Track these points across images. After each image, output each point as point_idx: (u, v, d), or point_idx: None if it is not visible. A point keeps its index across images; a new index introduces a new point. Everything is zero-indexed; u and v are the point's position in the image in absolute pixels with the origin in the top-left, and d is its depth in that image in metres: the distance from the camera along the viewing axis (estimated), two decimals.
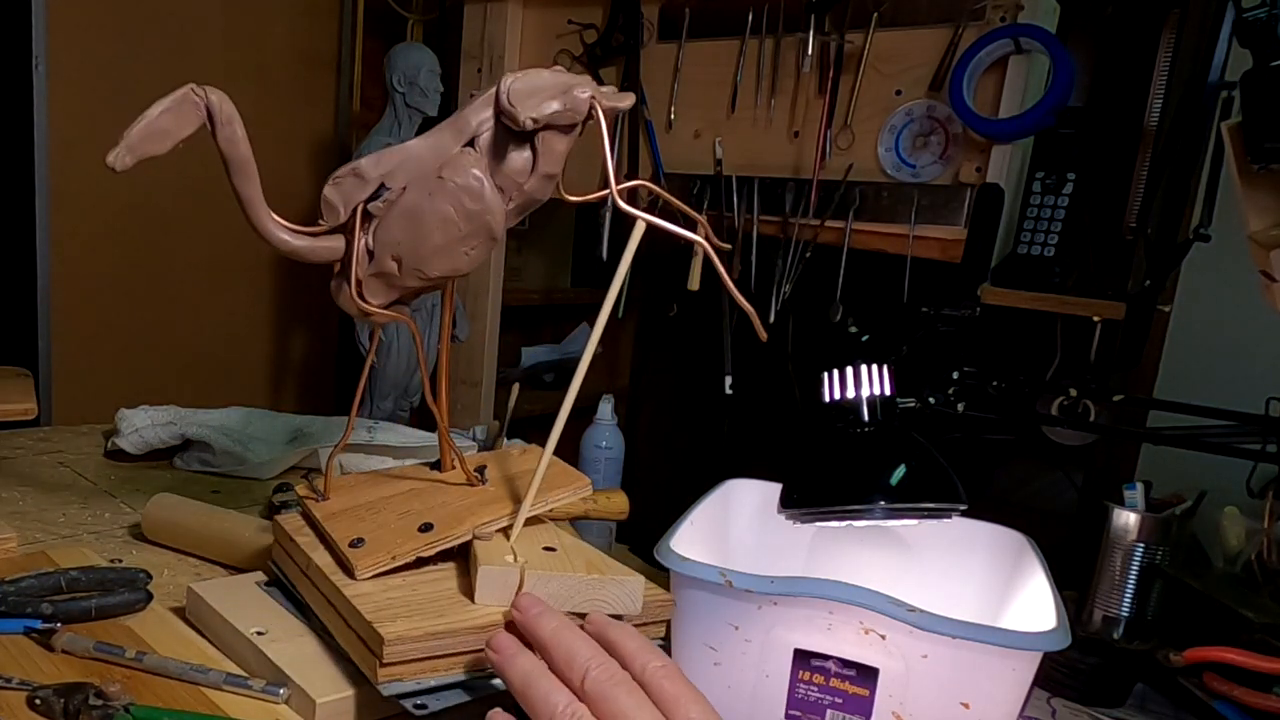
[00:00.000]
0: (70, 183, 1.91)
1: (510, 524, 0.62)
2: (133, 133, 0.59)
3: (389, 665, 0.53)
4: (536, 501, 0.62)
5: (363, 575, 0.59)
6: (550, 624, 0.49)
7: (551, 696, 0.45)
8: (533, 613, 0.50)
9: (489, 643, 0.49)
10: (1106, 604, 0.94)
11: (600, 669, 0.45)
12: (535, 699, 0.45)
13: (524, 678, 0.46)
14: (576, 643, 0.47)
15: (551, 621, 0.49)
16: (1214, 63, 1.10)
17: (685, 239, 0.48)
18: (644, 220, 0.49)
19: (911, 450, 0.71)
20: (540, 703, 0.45)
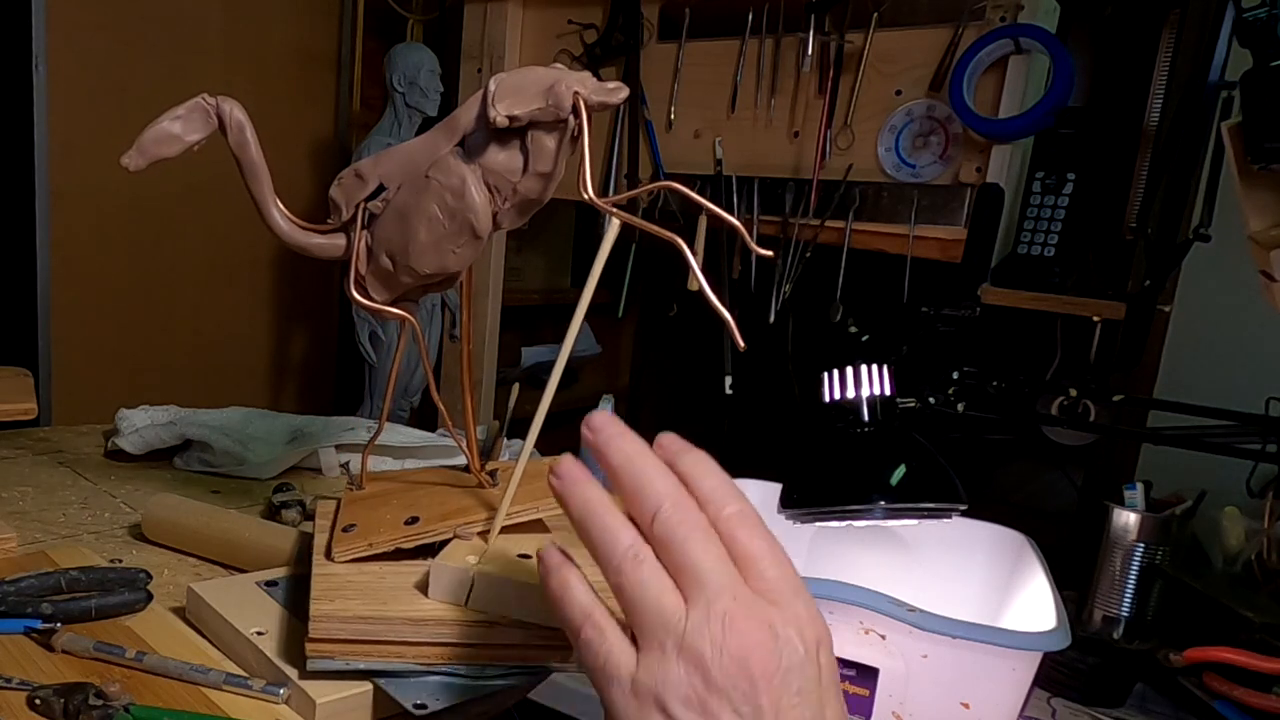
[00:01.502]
0: (70, 183, 1.91)
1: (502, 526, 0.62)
2: (144, 136, 0.60)
3: (317, 642, 0.54)
4: (526, 507, 0.62)
5: (339, 558, 0.61)
6: (624, 449, 0.41)
7: (614, 534, 0.39)
8: (605, 434, 0.41)
9: (552, 468, 0.42)
10: (1106, 604, 0.94)
11: (674, 509, 0.38)
12: (595, 535, 0.39)
13: (584, 508, 0.40)
14: (650, 474, 0.40)
15: (626, 446, 0.41)
16: (1214, 63, 1.10)
17: (664, 238, 0.47)
18: (621, 219, 0.49)
19: (911, 450, 0.71)
20: (600, 540, 0.39)
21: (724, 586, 0.37)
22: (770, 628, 0.36)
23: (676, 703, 0.35)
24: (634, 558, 0.38)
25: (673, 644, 0.36)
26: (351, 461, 1.06)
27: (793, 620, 0.37)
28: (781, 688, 0.35)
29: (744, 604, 0.36)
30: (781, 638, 0.36)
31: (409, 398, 2.20)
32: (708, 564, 0.37)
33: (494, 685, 0.55)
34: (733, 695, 0.35)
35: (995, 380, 1.06)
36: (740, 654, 0.35)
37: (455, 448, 1.06)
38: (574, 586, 0.40)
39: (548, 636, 0.55)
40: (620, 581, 0.38)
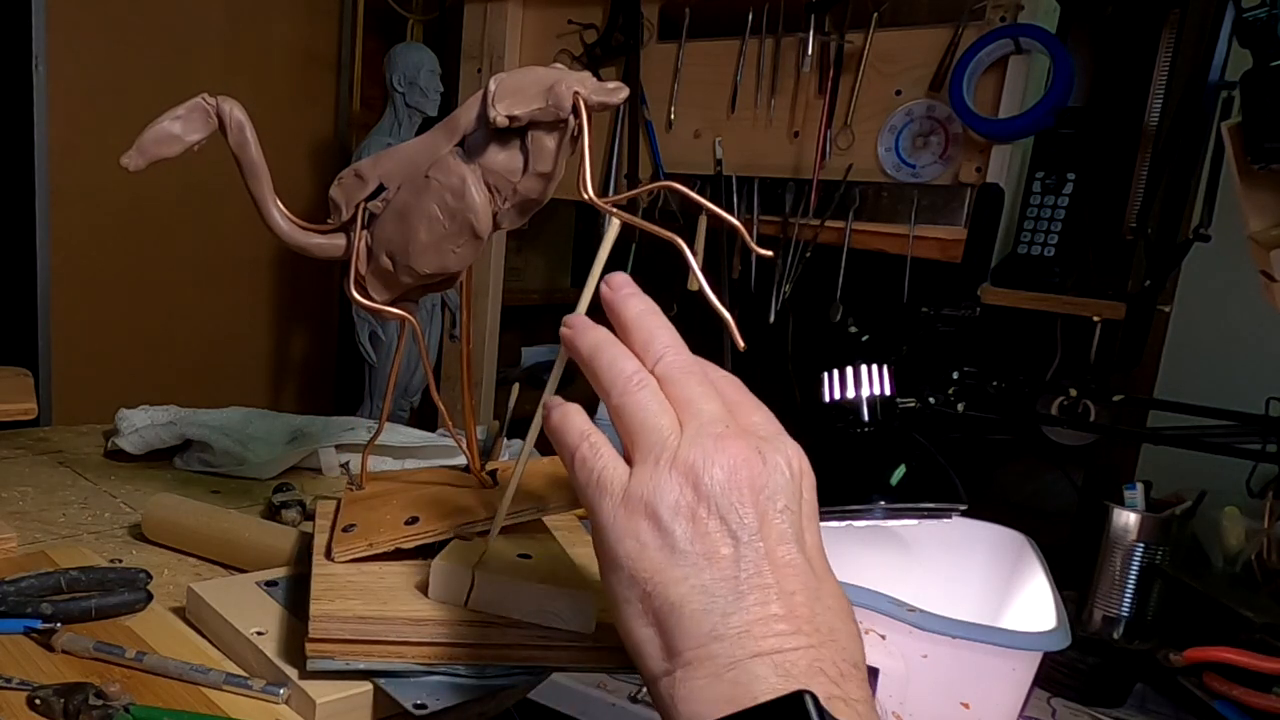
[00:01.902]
0: (70, 183, 1.91)
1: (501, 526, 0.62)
2: (144, 136, 0.60)
3: (317, 642, 0.53)
4: (526, 507, 0.62)
5: (339, 558, 0.61)
6: (638, 306, 0.43)
7: (620, 363, 0.41)
8: (623, 292, 0.43)
9: (564, 319, 0.44)
10: (1106, 604, 0.94)
11: (677, 355, 0.41)
12: (602, 366, 0.41)
13: (593, 345, 0.42)
14: (660, 329, 0.42)
15: (640, 304, 0.43)
16: (1214, 63, 1.10)
17: (663, 238, 0.47)
18: (621, 219, 0.49)
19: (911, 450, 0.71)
20: (606, 369, 0.41)
21: (718, 417, 0.39)
22: (759, 451, 0.38)
23: (666, 510, 0.37)
24: (637, 383, 0.40)
25: (667, 457, 0.38)
26: (351, 461, 1.06)
27: (780, 450, 0.39)
28: (767, 502, 0.37)
29: (735, 430, 0.38)
30: (769, 461, 0.38)
31: (409, 398, 2.20)
32: (704, 399, 0.39)
33: (494, 685, 0.55)
34: (720, 504, 0.36)
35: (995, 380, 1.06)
36: (730, 468, 0.37)
37: (455, 448, 1.06)
38: (574, 416, 0.42)
39: (548, 636, 0.55)
40: (622, 403, 0.40)
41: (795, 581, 0.36)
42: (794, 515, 0.37)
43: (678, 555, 0.36)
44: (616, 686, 1.05)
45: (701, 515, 0.36)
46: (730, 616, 0.35)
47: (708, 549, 0.36)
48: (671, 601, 0.36)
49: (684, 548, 0.36)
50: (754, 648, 0.35)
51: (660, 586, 0.37)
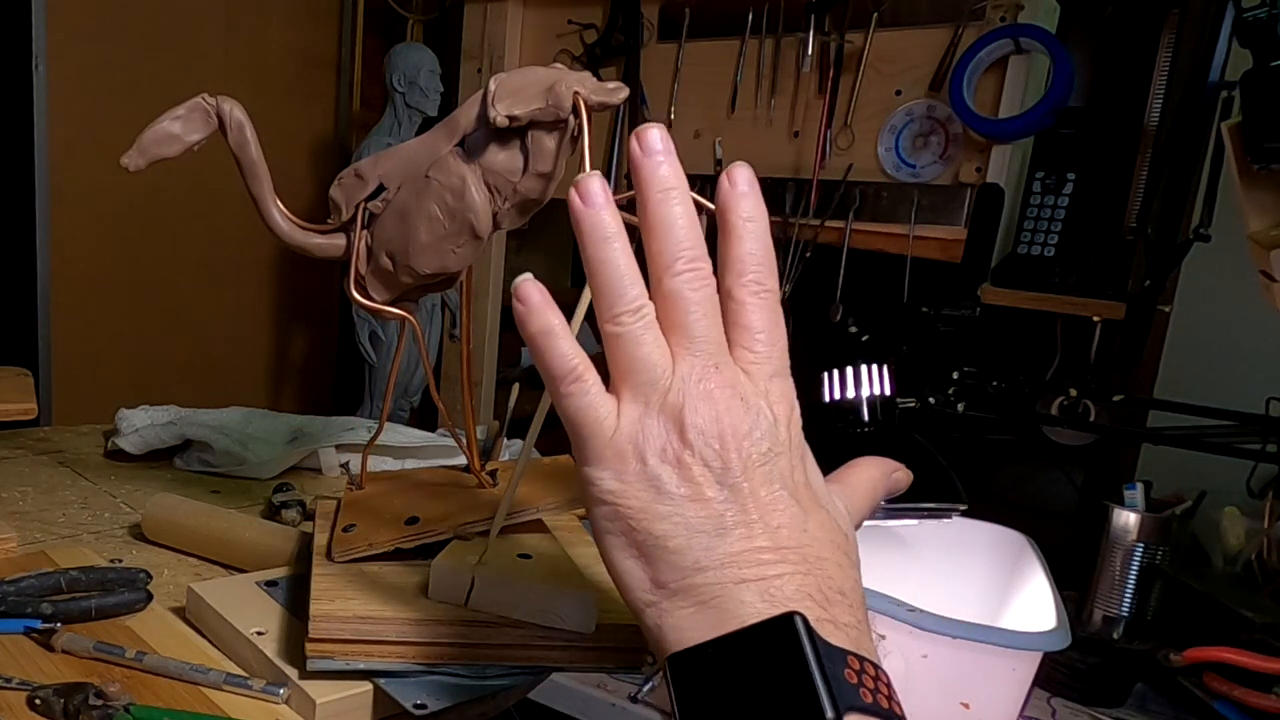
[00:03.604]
0: (70, 183, 1.91)
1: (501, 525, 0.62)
2: (144, 136, 0.60)
3: (317, 642, 0.53)
4: (526, 507, 0.62)
5: (339, 558, 0.61)
6: (667, 179, 0.39)
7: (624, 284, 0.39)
8: (655, 158, 0.39)
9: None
10: (1106, 604, 0.94)
11: (689, 268, 0.39)
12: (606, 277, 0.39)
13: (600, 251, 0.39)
14: (681, 222, 0.39)
15: (670, 177, 0.39)
16: (1214, 63, 1.10)
17: None
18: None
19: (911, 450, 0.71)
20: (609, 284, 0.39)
21: (710, 353, 0.38)
22: (744, 398, 0.38)
23: (653, 455, 0.37)
24: (636, 310, 0.39)
25: (655, 400, 0.38)
26: (351, 461, 1.06)
27: (764, 393, 0.38)
28: (752, 448, 0.37)
29: (724, 371, 0.38)
30: (752, 406, 0.38)
31: (409, 398, 2.20)
32: (702, 329, 0.39)
33: (494, 685, 0.55)
34: (705, 451, 0.37)
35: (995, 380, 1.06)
36: (714, 416, 0.37)
37: (455, 448, 1.06)
38: (558, 334, 0.40)
39: (548, 636, 0.55)
40: (618, 332, 0.39)
41: (781, 516, 0.37)
42: (778, 456, 0.38)
43: (663, 495, 0.37)
44: (616, 686, 1.05)
45: (687, 460, 0.37)
46: (714, 549, 0.36)
47: (693, 492, 0.37)
48: (656, 536, 0.37)
49: (670, 490, 0.37)
50: (739, 575, 0.35)
51: (644, 522, 0.37)
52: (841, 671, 0.33)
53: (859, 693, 0.33)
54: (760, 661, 0.34)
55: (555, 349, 0.40)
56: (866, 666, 0.34)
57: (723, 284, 0.40)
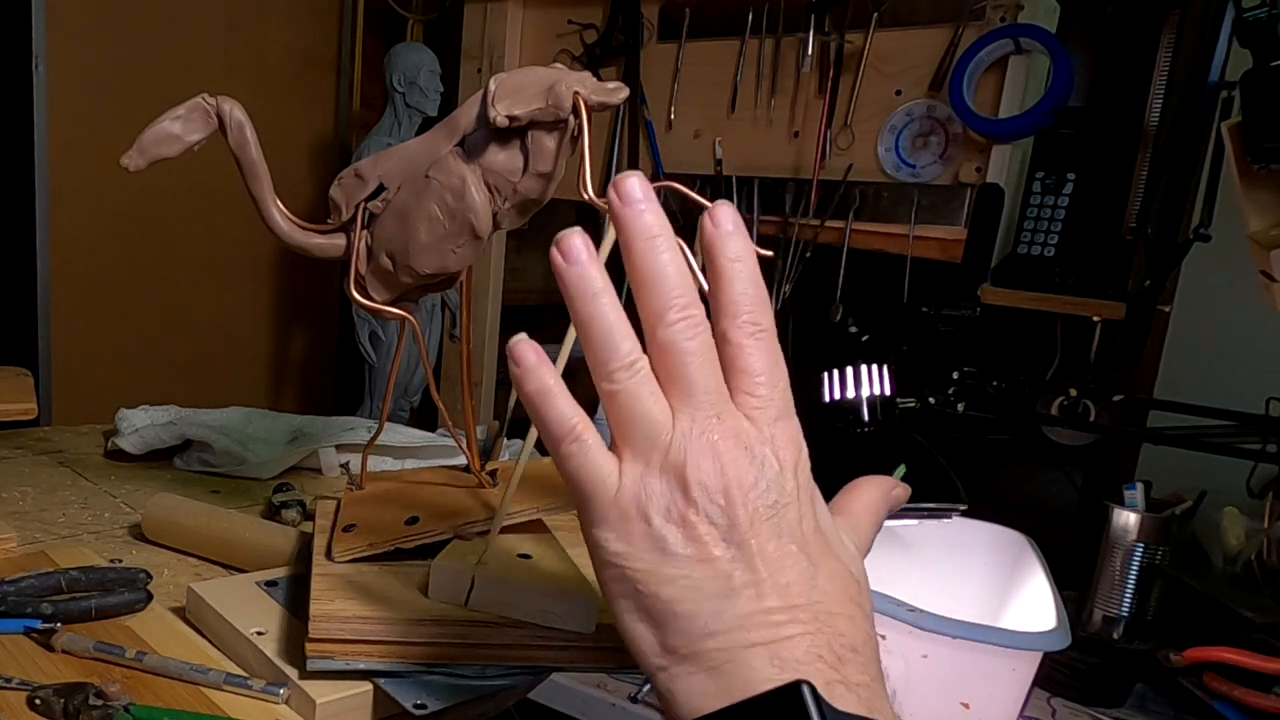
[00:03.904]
0: (70, 183, 1.91)
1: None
2: (144, 136, 0.60)
3: (317, 642, 0.53)
4: (526, 507, 0.62)
5: (339, 558, 0.61)
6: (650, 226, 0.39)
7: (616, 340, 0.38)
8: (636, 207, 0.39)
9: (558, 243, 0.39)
10: (1106, 604, 0.94)
11: (682, 317, 0.38)
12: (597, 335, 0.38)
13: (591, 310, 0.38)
14: (670, 270, 0.38)
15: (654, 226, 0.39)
16: (1214, 63, 1.10)
17: None
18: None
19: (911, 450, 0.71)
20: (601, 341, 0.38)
21: (711, 404, 0.37)
22: (748, 448, 0.37)
23: (657, 515, 0.36)
24: (631, 365, 0.38)
25: (657, 458, 0.37)
26: (351, 461, 1.06)
27: (769, 440, 0.37)
28: (758, 500, 0.36)
29: (727, 421, 0.37)
30: (757, 456, 0.37)
31: (409, 398, 2.20)
32: (700, 380, 0.37)
33: (494, 685, 0.55)
34: (709, 509, 0.36)
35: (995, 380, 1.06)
36: (718, 471, 0.36)
37: (455, 448, 1.06)
38: (554, 394, 0.39)
39: (548, 636, 0.55)
40: (614, 390, 0.38)
41: (790, 573, 0.36)
42: (785, 507, 0.37)
43: (669, 557, 0.36)
44: (616, 686, 1.05)
45: (692, 519, 0.36)
46: (723, 613, 0.35)
47: (700, 552, 0.36)
48: (664, 600, 0.36)
49: (676, 550, 0.36)
50: (748, 639, 0.35)
51: (652, 585, 0.37)
52: None
53: None
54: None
55: (553, 409, 0.39)
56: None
57: (717, 328, 0.39)
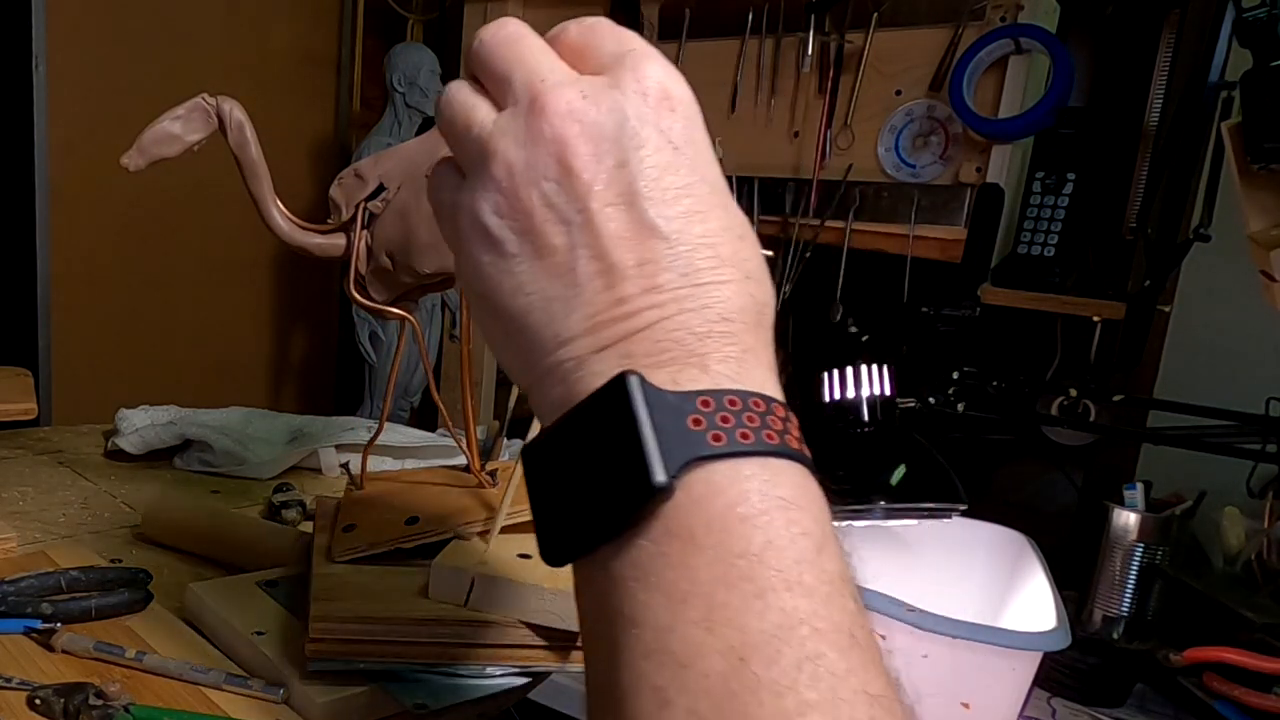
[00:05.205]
0: (70, 183, 1.91)
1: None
2: (144, 136, 0.60)
3: (317, 642, 0.54)
4: (526, 507, 0.62)
5: (339, 558, 0.61)
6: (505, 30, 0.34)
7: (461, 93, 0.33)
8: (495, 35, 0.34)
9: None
10: (1106, 604, 0.94)
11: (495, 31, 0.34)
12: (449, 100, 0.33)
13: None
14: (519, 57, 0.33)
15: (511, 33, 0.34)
16: (1214, 63, 1.10)
17: None
18: None
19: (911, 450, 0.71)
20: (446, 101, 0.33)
21: (533, 75, 0.32)
22: (584, 98, 0.31)
23: (490, 219, 0.31)
24: (454, 86, 0.34)
25: (480, 159, 0.32)
26: (351, 461, 1.06)
27: (618, 84, 0.31)
28: (597, 165, 0.30)
29: (554, 84, 0.31)
30: (602, 106, 0.30)
31: (409, 398, 2.20)
32: (518, 64, 0.32)
33: (494, 685, 0.55)
34: (544, 189, 0.30)
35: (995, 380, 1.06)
36: (548, 139, 0.30)
37: (455, 448, 1.06)
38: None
39: (548, 636, 0.55)
40: (440, 109, 0.34)
41: (639, 250, 0.30)
42: (641, 164, 0.30)
43: (509, 261, 0.31)
44: None
45: (523, 208, 0.31)
46: (571, 315, 0.30)
47: (537, 245, 0.31)
48: (513, 314, 0.32)
49: (513, 251, 0.31)
50: (599, 343, 0.30)
51: (502, 300, 0.32)
52: (684, 421, 0.27)
53: (705, 439, 0.27)
54: (595, 436, 0.29)
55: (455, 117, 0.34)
56: (729, 402, 0.28)
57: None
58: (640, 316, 0.30)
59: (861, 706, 0.25)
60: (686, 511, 0.27)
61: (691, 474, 0.27)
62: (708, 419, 0.28)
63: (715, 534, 0.27)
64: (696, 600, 0.26)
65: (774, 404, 0.29)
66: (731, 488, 0.27)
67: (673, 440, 0.27)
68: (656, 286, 0.30)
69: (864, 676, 0.25)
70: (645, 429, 0.27)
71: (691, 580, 0.26)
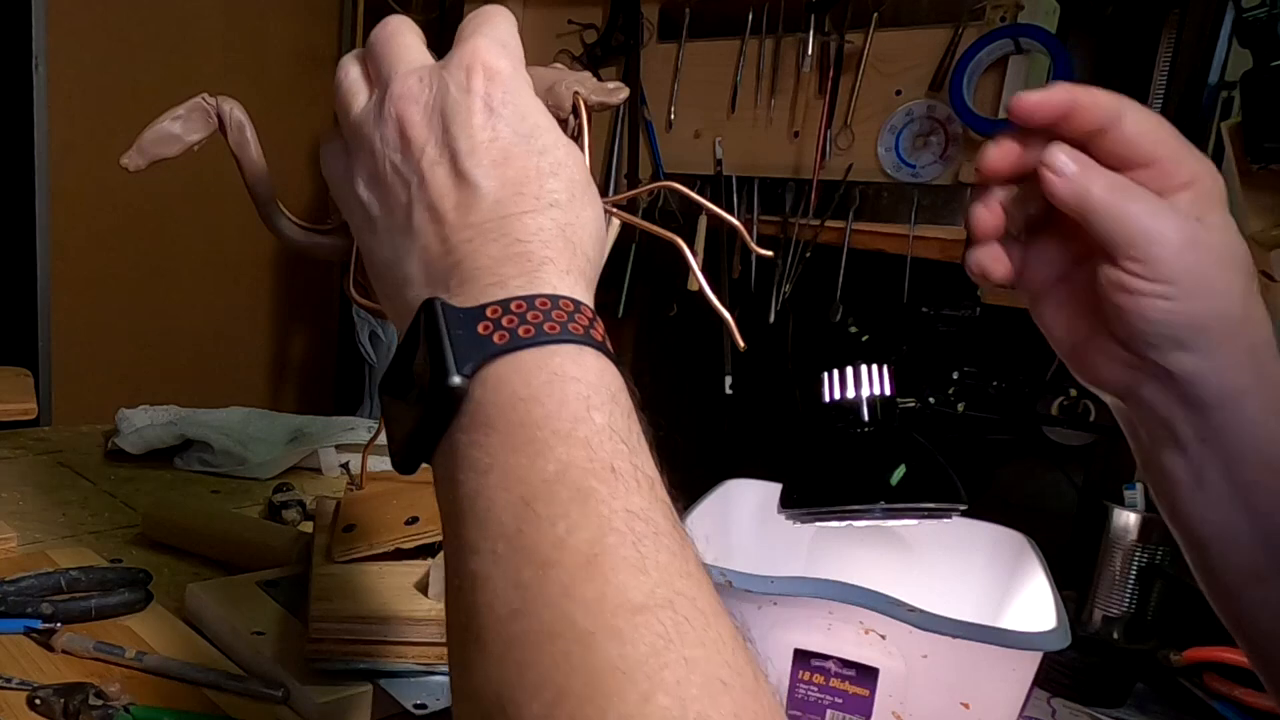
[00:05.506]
0: (70, 183, 1.91)
1: None
2: (144, 136, 0.60)
3: (317, 642, 0.54)
4: None
5: (339, 558, 0.61)
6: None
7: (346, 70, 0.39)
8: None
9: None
10: (1106, 604, 0.94)
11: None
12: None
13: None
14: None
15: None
16: (1214, 63, 1.10)
17: (664, 238, 0.47)
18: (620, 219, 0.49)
19: (911, 450, 0.71)
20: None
21: (392, 67, 0.37)
22: (420, 80, 0.36)
23: (362, 186, 0.38)
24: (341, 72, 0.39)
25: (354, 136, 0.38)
26: (351, 461, 1.06)
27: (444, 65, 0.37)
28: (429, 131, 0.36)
29: (401, 73, 0.37)
30: (435, 84, 0.36)
31: None
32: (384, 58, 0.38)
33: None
34: (390, 156, 0.36)
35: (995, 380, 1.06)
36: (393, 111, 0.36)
37: None
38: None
39: None
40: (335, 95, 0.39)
41: (457, 197, 0.35)
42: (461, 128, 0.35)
43: (376, 224, 0.37)
44: None
45: (381, 178, 0.37)
46: (412, 261, 0.36)
47: (390, 206, 0.36)
48: (381, 270, 0.38)
49: (376, 214, 0.37)
50: (431, 281, 0.35)
51: (375, 259, 0.38)
52: (475, 329, 0.32)
53: (491, 340, 0.32)
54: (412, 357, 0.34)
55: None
56: (515, 306, 0.33)
57: None
58: (458, 252, 0.35)
59: (620, 519, 0.29)
60: (484, 403, 0.32)
61: (484, 371, 0.32)
62: (494, 323, 0.32)
63: (505, 415, 0.31)
64: (494, 469, 0.31)
65: (561, 300, 0.33)
66: (515, 375, 0.32)
67: (466, 346, 0.32)
68: (469, 224, 0.35)
69: (626, 499, 0.30)
70: (444, 341, 0.32)
71: (491, 455, 0.31)
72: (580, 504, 0.29)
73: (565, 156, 0.37)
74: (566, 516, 0.29)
